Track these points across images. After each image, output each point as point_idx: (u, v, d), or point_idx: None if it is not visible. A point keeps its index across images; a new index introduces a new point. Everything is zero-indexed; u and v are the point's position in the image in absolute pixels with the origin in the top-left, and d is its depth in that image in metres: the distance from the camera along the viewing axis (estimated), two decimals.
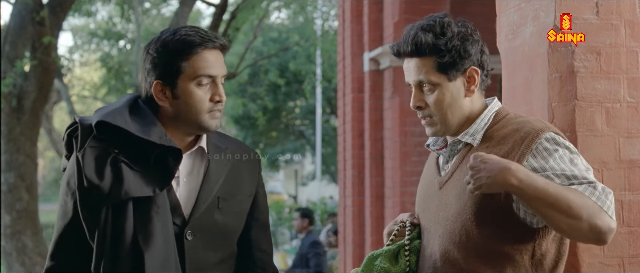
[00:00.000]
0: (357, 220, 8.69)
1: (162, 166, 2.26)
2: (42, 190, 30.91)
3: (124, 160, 2.22)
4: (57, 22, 10.71)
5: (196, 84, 2.30)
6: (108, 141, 2.24)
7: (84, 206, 2.22)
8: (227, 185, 2.40)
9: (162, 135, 2.27)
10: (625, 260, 2.62)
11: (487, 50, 2.43)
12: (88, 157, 2.22)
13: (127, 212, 2.21)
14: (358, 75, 8.70)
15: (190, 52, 2.29)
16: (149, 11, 22.11)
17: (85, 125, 2.28)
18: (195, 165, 2.39)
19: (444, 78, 2.35)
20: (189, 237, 2.31)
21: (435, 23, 2.36)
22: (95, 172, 2.20)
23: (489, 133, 2.37)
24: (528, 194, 2.11)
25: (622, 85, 2.68)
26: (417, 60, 2.37)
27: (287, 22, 23.94)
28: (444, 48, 2.33)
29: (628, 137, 2.66)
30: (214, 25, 12.33)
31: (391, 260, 2.44)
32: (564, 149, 2.26)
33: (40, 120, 11.08)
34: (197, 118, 2.31)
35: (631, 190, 2.64)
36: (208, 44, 2.31)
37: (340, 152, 9.34)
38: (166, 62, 2.30)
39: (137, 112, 2.31)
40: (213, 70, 2.32)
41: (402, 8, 7.62)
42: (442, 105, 2.37)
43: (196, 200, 2.34)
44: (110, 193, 2.19)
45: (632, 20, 2.71)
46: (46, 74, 10.42)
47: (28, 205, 10.30)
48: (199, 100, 2.30)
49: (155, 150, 2.25)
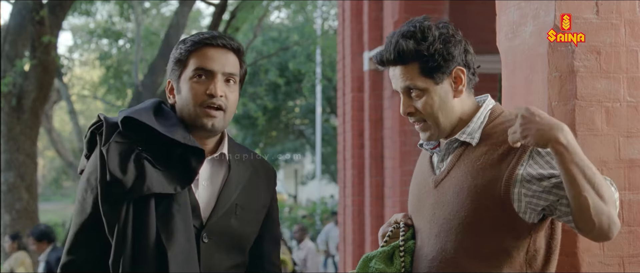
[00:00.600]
0: (357, 220, 8.69)
1: (185, 166, 2.28)
2: (42, 189, 30.92)
3: (147, 157, 2.25)
4: (56, 21, 10.72)
5: (194, 77, 2.35)
6: (133, 138, 2.27)
7: (105, 200, 2.23)
8: (244, 193, 2.43)
9: (186, 135, 2.31)
10: (625, 260, 2.63)
11: (472, 48, 2.43)
12: (112, 151, 2.24)
13: (150, 209, 2.23)
14: (358, 74, 8.70)
15: (193, 49, 2.36)
16: (148, 11, 22.11)
17: (110, 122, 2.32)
18: (216, 170, 2.41)
19: (431, 82, 2.36)
20: (205, 240, 2.32)
21: (416, 28, 2.36)
22: (119, 166, 2.22)
23: (486, 131, 2.37)
24: (570, 157, 2.13)
25: (622, 85, 2.68)
26: (401, 68, 2.38)
27: (287, 21, 23.94)
28: (427, 53, 2.33)
29: (628, 137, 2.66)
30: (214, 24, 12.34)
31: (386, 261, 2.44)
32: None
33: (40, 120, 11.09)
34: (191, 111, 2.34)
35: (631, 189, 2.64)
36: (212, 42, 2.36)
37: (340, 151, 9.34)
38: (176, 60, 2.40)
39: (161, 113, 2.36)
40: (210, 65, 2.35)
41: (402, 7, 7.62)
42: (432, 109, 2.37)
43: (215, 204, 2.36)
44: (133, 188, 2.21)
45: (632, 20, 2.71)
46: (46, 74, 10.43)
47: (28, 205, 10.31)
48: (194, 92, 2.34)
49: (179, 149, 2.28)
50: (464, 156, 2.37)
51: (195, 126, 2.35)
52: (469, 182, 2.31)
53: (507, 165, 2.27)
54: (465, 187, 2.31)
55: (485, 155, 2.32)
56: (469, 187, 2.30)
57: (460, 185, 2.32)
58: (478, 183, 2.29)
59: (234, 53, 2.39)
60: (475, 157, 2.34)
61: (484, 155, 2.32)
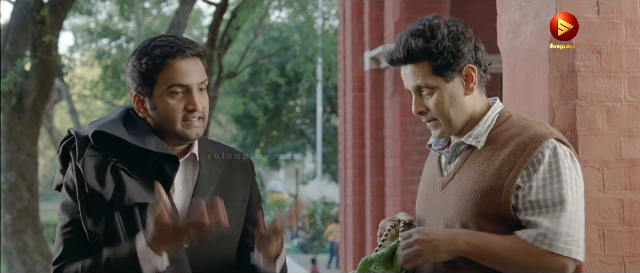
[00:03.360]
0: (358, 219, 8.69)
1: (160, 173, 2.28)
2: (43, 189, 30.92)
3: (123, 167, 2.25)
4: (57, 21, 10.71)
5: (169, 94, 2.29)
6: (106, 150, 2.26)
7: (87, 215, 2.23)
8: (219, 191, 2.40)
9: (158, 143, 2.29)
10: (626, 259, 2.63)
11: (483, 46, 2.41)
12: (88, 165, 2.24)
13: (136, 219, 2.23)
14: (359, 74, 8.70)
15: (162, 63, 2.28)
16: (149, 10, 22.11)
17: (81, 136, 2.30)
18: (188, 172, 2.40)
19: (441, 80, 2.34)
20: (186, 245, 2.30)
21: (425, 27, 2.35)
22: (97, 179, 2.22)
23: (492, 135, 2.36)
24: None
25: (623, 84, 2.68)
26: (412, 66, 2.37)
27: (288, 21, 23.94)
28: (436, 51, 2.32)
29: (629, 136, 2.66)
30: (215, 24, 12.35)
31: (386, 264, 2.42)
32: (560, 162, 2.25)
33: (41, 119, 11.08)
34: (174, 128, 2.31)
35: (632, 189, 2.64)
36: (177, 55, 2.28)
37: (341, 151, 9.34)
38: (141, 74, 2.30)
39: (131, 122, 2.33)
40: (185, 80, 2.29)
41: (402, 7, 7.62)
42: (443, 107, 2.36)
43: (189, 207, 2.32)
44: (113, 200, 2.21)
45: (633, 19, 2.71)
46: (47, 73, 10.42)
47: (29, 204, 10.30)
48: (172, 110, 2.29)
49: (153, 158, 2.27)
50: (469, 160, 2.36)
51: (176, 137, 2.34)
52: (471, 187, 2.30)
53: (507, 173, 2.26)
54: (467, 191, 2.30)
55: (489, 160, 2.31)
56: (471, 192, 2.29)
57: (463, 188, 2.32)
58: (479, 189, 2.28)
59: (200, 58, 2.34)
60: (479, 161, 2.33)
61: (487, 160, 2.32)
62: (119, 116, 2.35)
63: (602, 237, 2.61)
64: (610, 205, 2.62)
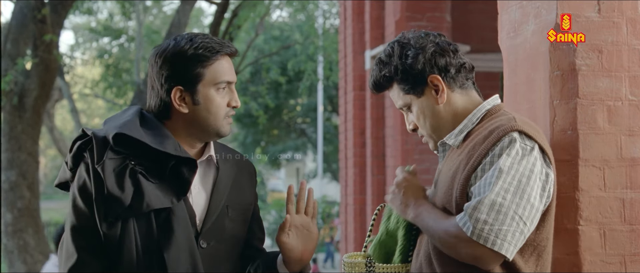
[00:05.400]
0: (359, 218, 8.69)
1: (178, 177, 2.27)
2: (44, 188, 30.92)
3: (141, 171, 2.23)
4: (58, 20, 10.71)
5: (216, 90, 2.33)
6: (124, 153, 2.23)
7: (103, 219, 2.20)
8: (232, 193, 2.42)
9: (177, 146, 2.29)
10: (626, 258, 2.63)
11: (450, 48, 2.38)
12: (108, 169, 2.20)
13: (152, 225, 2.22)
14: (360, 73, 8.70)
15: (210, 58, 2.31)
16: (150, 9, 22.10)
17: (99, 137, 2.26)
18: (206, 173, 2.40)
19: (413, 97, 2.40)
20: (203, 246, 2.32)
21: (384, 54, 2.43)
22: (117, 184, 2.19)
23: (470, 132, 2.36)
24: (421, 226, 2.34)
25: (624, 83, 2.68)
26: (390, 91, 2.45)
27: (289, 20, 23.94)
28: (392, 75, 2.38)
29: (630, 135, 2.66)
30: (216, 23, 12.34)
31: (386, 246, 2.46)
32: (506, 153, 2.20)
33: (42, 118, 11.08)
34: (216, 123, 2.34)
35: (632, 188, 2.64)
36: (225, 50, 2.34)
37: (342, 150, 9.34)
38: (187, 68, 2.31)
39: (146, 124, 2.32)
40: (230, 76, 2.36)
41: (403, 6, 7.62)
42: (421, 121, 2.42)
43: (208, 209, 2.35)
44: (132, 205, 2.19)
45: (634, 18, 2.71)
46: (48, 72, 10.42)
47: (30, 203, 10.31)
48: (219, 105, 2.34)
49: (171, 162, 2.26)
50: (448, 158, 2.39)
51: (214, 133, 2.35)
52: (448, 184, 2.31)
53: (464, 167, 2.26)
54: (445, 189, 2.32)
55: (459, 157, 2.32)
56: (447, 189, 2.31)
57: (442, 187, 2.34)
58: (452, 186, 2.29)
59: (233, 57, 2.41)
60: (453, 159, 2.35)
61: (458, 156, 2.33)
62: (134, 117, 2.32)
63: (603, 236, 2.61)
64: (611, 204, 2.62)
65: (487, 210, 2.13)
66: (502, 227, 2.13)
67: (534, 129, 2.30)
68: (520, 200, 2.16)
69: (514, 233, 2.14)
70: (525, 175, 2.19)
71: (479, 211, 2.13)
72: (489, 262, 2.17)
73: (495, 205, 2.13)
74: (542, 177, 2.23)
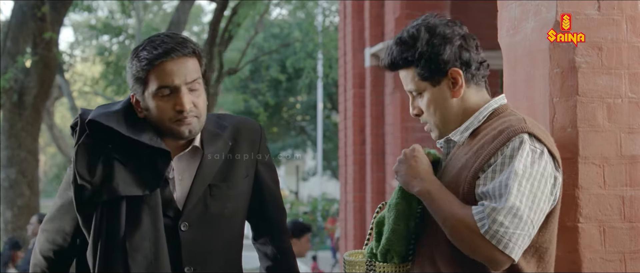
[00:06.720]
0: (358, 216, 8.69)
1: (153, 167, 2.30)
2: (43, 186, 30.94)
3: (117, 157, 2.27)
4: (58, 17, 10.72)
5: (157, 96, 2.30)
6: (102, 139, 2.28)
7: (77, 201, 2.27)
8: (219, 173, 2.42)
9: (153, 137, 2.30)
10: (626, 256, 2.62)
11: (475, 42, 2.36)
12: (81, 152, 2.27)
13: (121, 212, 2.26)
14: (359, 70, 8.70)
15: (150, 66, 2.28)
16: (150, 7, 22.09)
17: (83, 120, 2.32)
18: (190, 163, 2.41)
19: (428, 85, 2.34)
20: (183, 228, 2.34)
21: (407, 34, 2.34)
22: (87, 168, 2.25)
23: (476, 130, 2.34)
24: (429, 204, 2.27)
25: (624, 81, 2.68)
26: (402, 71, 2.38)
27: (288, 17, 23.94)
28: (414, 59, 2.32)
29: (629, 133, 2.66)
30: (215, 21, 12.34)
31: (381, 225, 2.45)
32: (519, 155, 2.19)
33: (42, 116, 11.09)
34: (166, 127, 2.32)
35: (632, 185, 2.64)
36: (164, 57, 2.27)
37: (342, 147, 9.34)
38: (133, 76, 2.33)
39: (132, 114, 2.35)
40: (173, 81, 2.29)
41: (403, 4, 7.61)
42: (430, 110, 2.37)
43: (188, 193, 2.37)
44: (101, 190, 2.24)
45: (634, 16, 2.70)
46: (47, 70, 10.43)
47: (29, 201, 10.32)
48: (162, 110, 2.30)
49: (146, 151, 2.29)
50: (454, 156, 2.37)
51: (170, 135, 2.35)
52: (453, 181, 2.29)
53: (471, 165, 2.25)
54: (449, 186, 2.30)
55: (465, 155, 2.30)
56: (451, 186, 2.29)
57: (447, 184, 2.31)
58: (456, 182, 2.27)
59: (190, 57, 2.32)
60: (458, 156, 2.34)
61: (464, 154, 2.31)
62: (122, 106, 2.36)
63: (603, 234, 2.61)
64: (611, 201, 2.62)
65: (506, 213, 2.13)
66: (516, 231, 2.13)
67: (543, 132, 2.30)
68: (532, 204, 2.16)
69: (524, 237, 2.15)
70: (537, 178, 2.19)
71: (498, 213, 2.13)
72: (499, 264, 2.17)
73: (513, 209, 2.13)
74: (551, 180, 2.23)
